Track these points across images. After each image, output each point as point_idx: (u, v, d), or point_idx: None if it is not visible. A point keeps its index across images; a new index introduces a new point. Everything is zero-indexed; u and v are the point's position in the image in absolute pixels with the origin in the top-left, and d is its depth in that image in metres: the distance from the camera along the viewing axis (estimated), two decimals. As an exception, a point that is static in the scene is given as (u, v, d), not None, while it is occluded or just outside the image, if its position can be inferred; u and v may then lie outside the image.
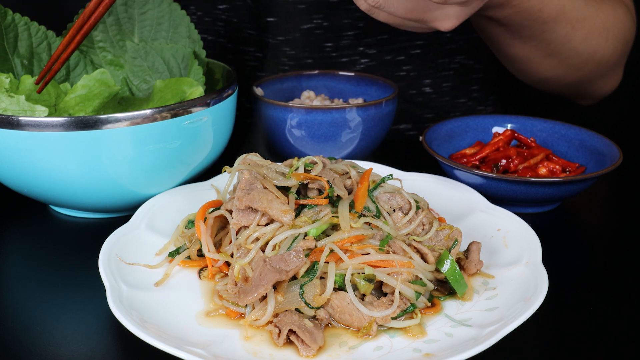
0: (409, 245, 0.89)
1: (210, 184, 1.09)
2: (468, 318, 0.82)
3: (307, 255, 0.83)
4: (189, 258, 0.93)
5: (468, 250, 0.92)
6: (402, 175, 1.12)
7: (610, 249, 1.05)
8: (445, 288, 0.88)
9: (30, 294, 0.91)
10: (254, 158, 0.96)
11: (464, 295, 0.86)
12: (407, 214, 0.93)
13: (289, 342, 0.78)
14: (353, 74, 1.37)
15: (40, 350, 0.80)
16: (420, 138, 1.17)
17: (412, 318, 0.82)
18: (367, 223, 0.88)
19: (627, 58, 1.38)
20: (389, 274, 0.83)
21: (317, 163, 0.95)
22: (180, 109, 0.99)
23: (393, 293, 0.83)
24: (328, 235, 0.86)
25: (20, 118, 0.93)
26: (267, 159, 0.97)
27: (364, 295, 0.84)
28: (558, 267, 0.95)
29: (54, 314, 0.86)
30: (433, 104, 1.50)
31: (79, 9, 1.19)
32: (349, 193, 0.93)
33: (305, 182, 0.91)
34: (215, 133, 1.07)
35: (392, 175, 0.97)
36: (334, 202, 0.90)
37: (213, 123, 1.05)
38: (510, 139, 1.22)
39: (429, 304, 0.85)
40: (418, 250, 0.89)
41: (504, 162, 1.15)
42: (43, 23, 1.16)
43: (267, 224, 0.87)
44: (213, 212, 0.94)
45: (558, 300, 0.88)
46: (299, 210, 0.88)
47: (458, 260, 0.90)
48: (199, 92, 1.07)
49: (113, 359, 0.79)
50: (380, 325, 0.81)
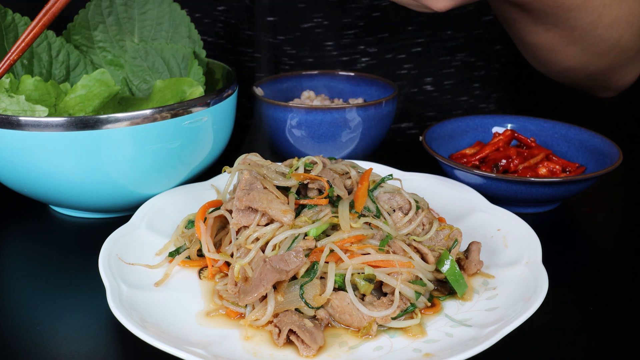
0: (409, 245, 0.89)
1: (210, 184, 1.09)
2: (468, 318, 0.82)
3: (307, 255, 0.83)
4: (189, 258, 0.93)
5: (468, 250, 0.92)
6: (402, 175, 1.12)
7: (610, 249, 1.05)
8: (445, 288, 0.88)
9: (30, 294, 0.91)
10: (254, 158, 0.96)
11: (464, 295, 0.86)
12: (407, 214, 0.93)
13: (289, 342, 0.78)
14: (353, 74, 1.37)
15: (40, 350, 0.80)
16: (420, 138, 1.17)
17: (412, 318, 0.81)
18: (367, 223, 0.87)
19: None
20: (389, 274, 0.83)
21: (317, 163, 0.95)
22: (180, 109, 0.99)
23: (393, 293, 0.83)
24: (328, 235, 0.86)
25: (20, 118, 0.93)
26: (267, 159, 0.97)
27: (364, 295, 0.84)
28: (558, 267, 0.95)
29: (54, 314, 0.86)
30: (435, 102, 1.49)
31: (79, 9, 1.20)
32: (349, 193, 0.93)
33: (305, 182, 0.91)
34: (215, 133, 1.07)
35: (392, 175, 0.97)
36: (334, 202, 0.90)
37: (213, 123, 1.05)
38: (510, 139, 1.22)
39: (429, 304, 0.85)
40: (418, 250, 0.89)
41: (504, 162, 1.15)
42: (43, 23, 1.16)
43: (267, 224, 0.87)
44: (213, 212, 0.94)
45: (558, 300, 0.88)
46: (299, 210, 0.88)
47: (458, 260, 0.90)
48: (199, 92, 1.07)
49: (113, 359, 0.79)
50: (380, 325, 0.81)
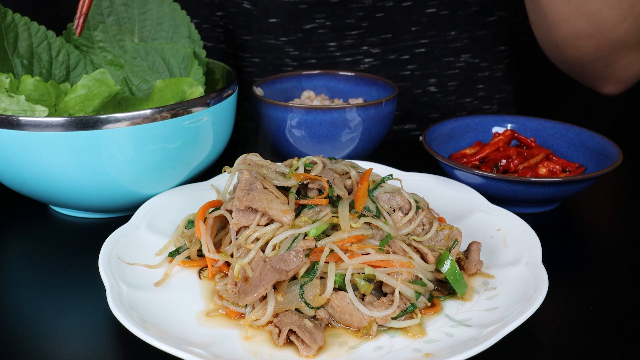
0: (409, 245, 0.89)
1: (210, 184, 1.09)
2: (468, 318, 0.82)
3: (307, 255, 0.83)
4: (189, 258, 0.93)
5: (468, 250, 0.92)
6: (402, 175, 1.12)
7: (610, 249, 1.05)
8: (445, 288, 0.88)
9: (30, 294, 0.91)
10: (254, 158, 0.96)
11: (464, 295, 0.86)
12: (407, 214, 0.93)
13: (289, 342, 0.78)
14: (353, 74, 1.37)
15: (40, 350, 0.80)
16: (420, 138, 1.17)
17: (412, 318, 0.81)
18: (367, 223, 0.87)
19: None
20: (389, 274, 0.83)
21: (317, 163, 0.95)
22: (180, 109, 0.99)
23: (393, 293, 0.83)
24: (328, 235, 0.86)
25: (20, 118, 0.93)
26: (267, 159, 0.97)
27: (364, 295, 0.84)
28: (558, 267, 0.95)
29: (54, 314, 0.86)
30: (438, 104, 1.49)
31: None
32: (349, 193, 0.93)
33: (305, 182, 0.91)
34: (215, 133, 1.07)
35: (392, 175, 0.97)
36: (334, 202, 0.90)
37: (213, 123, 1.05)
38: (510, 139, 1.22)
39: (429, 304, 0.85)
40: (418, 250, 0.89)
41: (504, 162, 1.15)
42: (43, 23, 1.16)
43: (267, 224, 0.87)
44: (213, 212, 0.94)
45: (558, 300, 0.88)
46: (299, 210, 0.88)
47: (458, 260, 0.90)
48: (199, 92, 1.07)
49: (113, 359, 0.79)
50: (380, 325, 0.81)
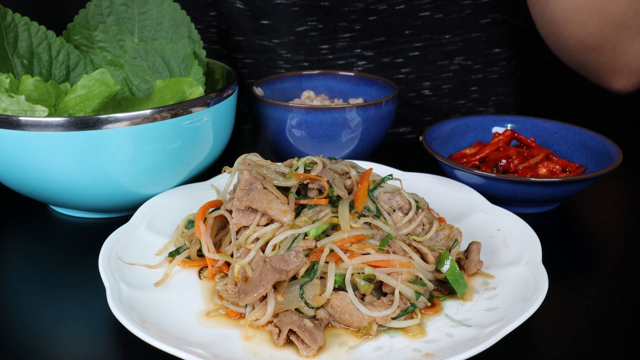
0: (409, 245, 0.89)
1: (210, 184, 1.09)
2: (468, 318, 0.82)
3: (307, 255, 0.83)
4: (189, 258, 0.93)
5: (468, 250, 0.92)
6: (402, 175, 1.12)
7: (611, 249, 1.05)
8: (445, 288, 0.88)
9: (30, 294, 0.91)
10: (254, 158, 0.96)
11: (464, 295, 0.86)
12: (407, 214, 0.93)
13: (289, 342, 0.78)
14: (353, 74, 1.37)
15: (40, 350, 0.80)
16: (420, 138, 1.17)
17: (412, 318, 0.81)
18: (367, 223, 0.87)
19: None
20: (389, 274, 0.83)
21: (317, 163, 0.95)
22: (180, 109, 0.99)
23: (393, 293, 0.83)
24: (328, 235, 0.86)
25: (20, 118, 0.93)
26: (267, 159, 0.97)
27: (364, 295, 0.84)
28: (558, 267, 0.95)
29: (54, 314, 0.86)
30: (432, 107, 1.49)
31: (79, 9, 1.20)
32: (349, 193, 0.93)
33: (305, 182, 0.91)
34: (215, 133, 1.07)
35: (392, 175, 0.97)
36: (334, 202, 0.90)
37: (213, 123, 1.05)
38: (510, 139, 1.22)
39: (429, 304, 0.85)
40: (418, 250, 0.89)
41: (504, 162, 1.15)
42: (43, 23, 1.16)
43: (267, 224, 0.87)
44: (213, 212, 0.94)
45: (558, 300, 0.88)
46: (299, 210, 0.88)
47: (458, 260, 0.90)
48: (199, 92, 1.07)
49: (113, 359, 0.79)
50: (380, 325, 0.81)
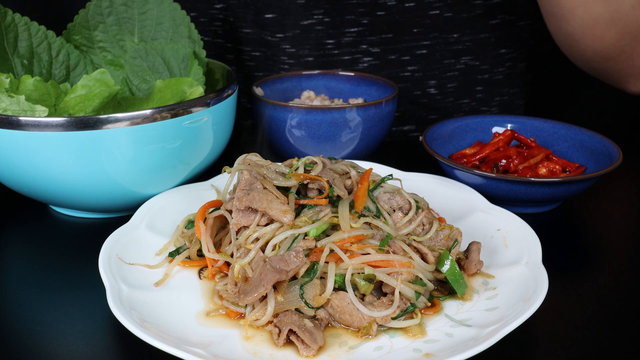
0: (409, 245, 0.89)
1: (210, 184, 1.09)
2: (468, 318, 0.82)
3: (307, 255, 0.83)
4: (189, 258, 0.93)
5: (468, 250, 0.92)
6: (402, 175, 1.12)
7: (610, 249, 1.05)
8: (445, 288, 0.88)
9: (30, 294, 0.91)
10: (254, 158, 0.96)
11: (464, 295, 0.86)
12: (407, 214, 0.93)
13: (289, 342, 0.78)
14: (353, 74, 1.37)
15: (40, 350, 0.80)
16: (420, 138, 1.17)
17: (412, 318, 0.81)
18: (367, 223, 0.87)
19: None
20: (389, 274, 0.83)
21: (317, 163, 0.95)
22: (180, 109, 0.99)
23: (393, 293, 0.83)
24: (328, 235, 0.86)
25: (20, 118, 0.93)
26: (267, 159, 0.96)
27: (364, 295, 0.84)
28: (558, 267, 0.95)
29: (54, 314, 0.86)
30: (437, 105, 1.48)
31: (79, 9, 1.20)
32: (349, 193, 0.93)
33: (305, 182, 0.91)
34: (215, 133, 1.07)
35: (392, 175, 0.97)
36: (334, 202, 0.90)
37: (213, 123, 1.05)
38: (510, 139, 1.22)
39: (429, 304, 0.85)
40: (418, 250, 0.89)
41: (504, 162, 1.15)
42: (43, 23, 1.16)
43: (267, 224, 0.87)
44: (213, 212, 0.94)
45: (558, 300, 0.88)
46: (299, 210, 0.88)
47: (458, 260, 0.90)
48: (199, 92, 1.07)
49: (113, 359, 0.79)
50: (380, 325, 0.81)
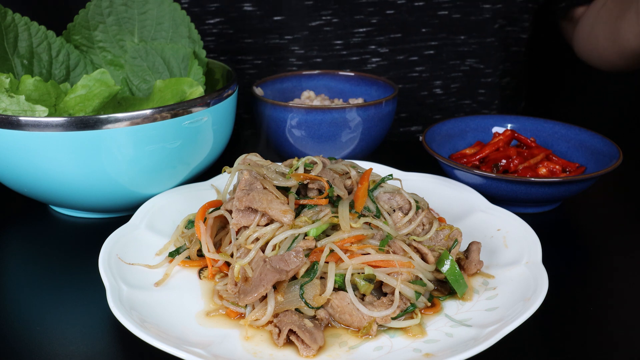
0: (409, 245, 0.89)
1: (210, 184, 1.09)
2: (468, 318, 0.82)
3: (307, 255, 0.83)
4: (189, 258, 0.93)
5: (468, 250, 0.92)
6: (402, 175, 1.12)
7: (610, 249, 1.05)
8: (445, 288, 0.88)
9: (30, 294, 0.91)
10: (254, 158, 0.96)
11: (464, 295, 0.86)
12: (407, 214, 0.93)
13: (289, 342, 0.78)
14: (353, 74, 1.37)
15: (41, 350, 0.80)
16: (420, 138, 1.17)
17: (412, 318, 0.82)
18: (367, 223, 0.87)
19: None
20: (389, 274, 0.83)
21: (317, 163, 0.95)
22: (180, 109, 0.99)
23: (393, 293, 0.83)
24: (328, 235, 0.86)
25: (20, 118, 0.93)
26: (267, 159, 0.97)
27: (364, 295, 0.84)
28: (558, 267, 0.95)
29: (54, 314, 0.86)
30: (441, 105, 1.49)
31: (79, 9, 1.20)
32: (349, 193, 0.93)
33: (305, 182, 0.91)
34: (215, 133, 1.07)
35: (392, 175, 0.97)
36: (334, 202, 0.90)
37: (213, 123, 1.05)
38: (510, 139, 1.22)
39: (429, 304, 0.85)
40: (418, 250, 0.89)
41: (504, 162, 1.15)
42: (43, 23, 1.16)
43: (267, 224, 0.87)
44: (213, 212, 0.94)
45: (558, 300, 0.88)
46: (299, 210, 0.88)
47: (458, 260, 0.90)
48: (199, 92, 1.07)
49: (113, 359, 0.79)
50: (380, 325, 0.81)
